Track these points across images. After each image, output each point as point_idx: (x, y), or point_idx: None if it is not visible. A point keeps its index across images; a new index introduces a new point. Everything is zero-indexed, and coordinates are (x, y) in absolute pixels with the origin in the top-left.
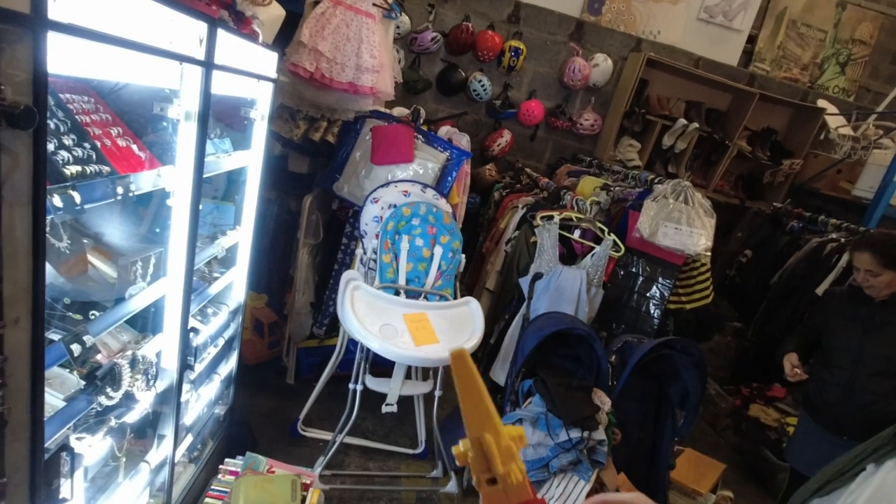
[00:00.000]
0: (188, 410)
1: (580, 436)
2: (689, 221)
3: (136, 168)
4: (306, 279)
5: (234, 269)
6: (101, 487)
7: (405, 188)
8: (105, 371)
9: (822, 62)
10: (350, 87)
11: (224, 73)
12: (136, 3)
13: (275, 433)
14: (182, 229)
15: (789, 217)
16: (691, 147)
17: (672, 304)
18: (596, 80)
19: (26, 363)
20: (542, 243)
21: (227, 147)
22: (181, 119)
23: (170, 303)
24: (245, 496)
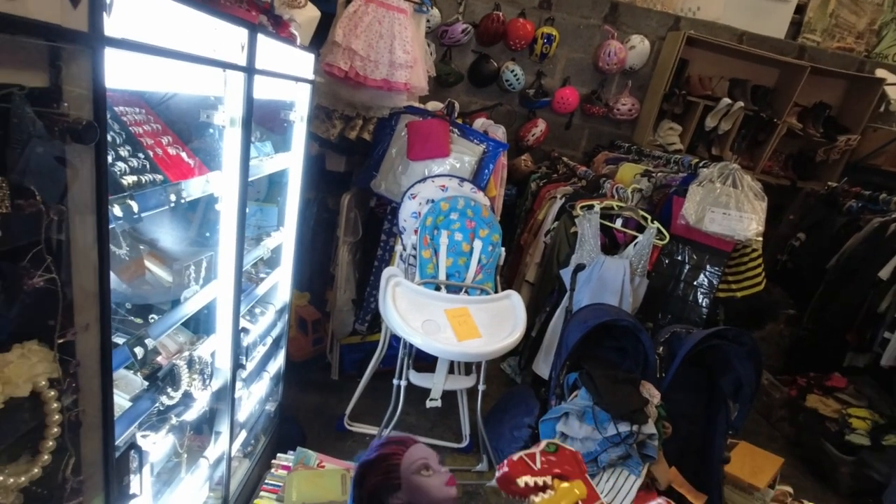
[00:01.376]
0: (241, 407)
1: (629, 430)
2: (738, 205)
3: (187, 175)
4: (347, 277)
5: (278, 270)
6: (166, 482)
7: (442, 183)
8: (165, 372)
9: (879, 28)
10: (384, 84)
11: (265, 77)
12: (182, 15)
13: (322, 428)
14: (230, 232)
15: (846, 197)
16: (736, 127)
17: (722, 293)
18: (632, 62)
19: (96, 367)
20: (582, 233)
21: (269, 150)
22: (226, 125)
23: (221, 304)
24: (298, 490)
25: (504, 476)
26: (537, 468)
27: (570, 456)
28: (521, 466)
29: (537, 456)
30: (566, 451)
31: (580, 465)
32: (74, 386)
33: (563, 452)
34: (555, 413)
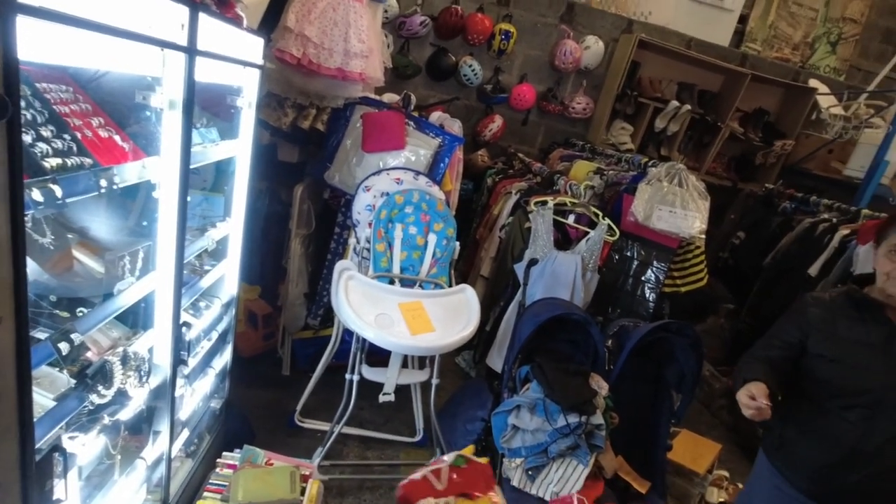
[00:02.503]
0: (183, 405)
1: (578, 420)
2: (683, 204)
3: (120, 160)
4: (299, 270)
5: (225, 262)
6: (98, 485)
7: (397, 176)
8: (96, 369)
9: (813, 41)
10: (338, 73)
11: (208, 59)
12: None
13: (272, 425)
14: (170, 222)
15: (781, 198)
16: (684, 129)
17: (667, 288)
18: (587, 62)
19: (11, 363)
20: (536, 229)
21: (215, 136)
22: (165, 108)
23: (160, 297)
24: (244, 489)
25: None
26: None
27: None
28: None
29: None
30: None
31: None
32: None
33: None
34: (507, 406)
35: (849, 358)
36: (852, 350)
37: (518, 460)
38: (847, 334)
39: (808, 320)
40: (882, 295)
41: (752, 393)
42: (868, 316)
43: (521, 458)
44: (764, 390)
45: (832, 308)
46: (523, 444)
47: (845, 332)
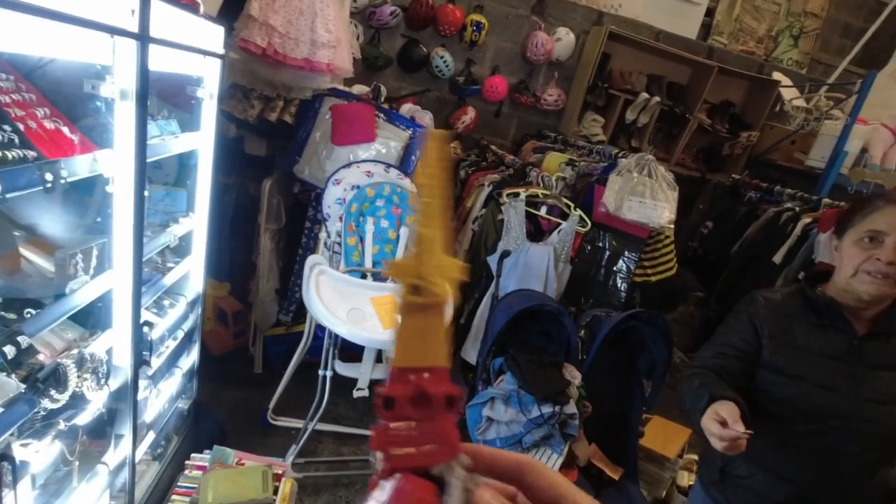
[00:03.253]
0: (147, 407)
1: (552, 410)
2: (652, 195)
3: (68, 152)
4: (270, 265)
5: (189, 258)
6: (55, 493)
7: (368, 168)
8: (48, 372)
9: (776, 35)
10: (305, 64)
11: (162, 47)
12: None
13: (245, 424)
14: (126, 217)
15: (747, 188)
16: (653, 121)
17: (638, 277)
18: (559, 54)
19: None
20: (508, 221)
21: (174, 129)
22: (116, 98)
23: (118, 296)
24: (214, 490)
25: None
26: None
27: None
28: None
29: None
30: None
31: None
32: None
33: None
34: (481, 398)
35: (811, 373)
36: (814, 364)
37: None
38: (807, 344)
39: (762, 324)
40: (845, 295)
41: (722, 417)
42: (827, 322)
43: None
44: (735, 413)
45: (787, 311)
46: (498, 435)
47: (804, 340)
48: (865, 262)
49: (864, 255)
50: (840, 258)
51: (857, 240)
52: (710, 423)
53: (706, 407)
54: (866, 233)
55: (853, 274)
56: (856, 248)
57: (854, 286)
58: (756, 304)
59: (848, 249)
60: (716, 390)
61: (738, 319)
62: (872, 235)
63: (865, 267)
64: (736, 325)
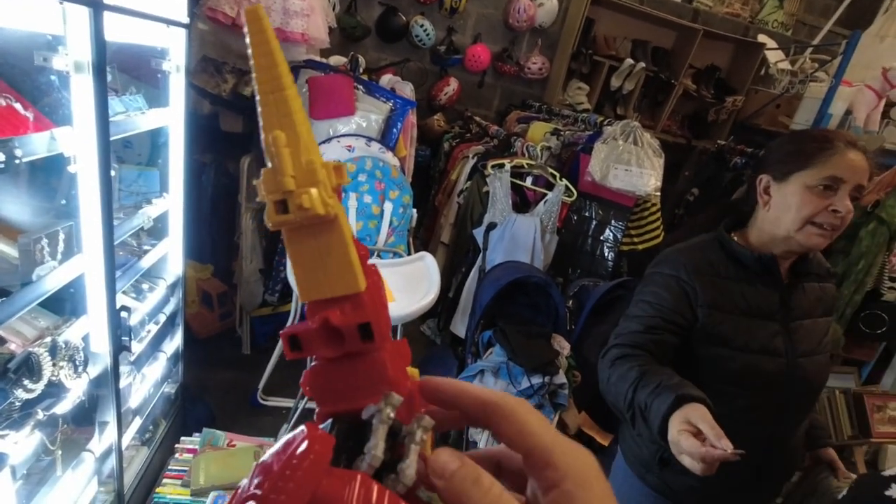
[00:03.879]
0: (132, 393)
1: (542, 381)
2: (638, 162)
3: (20, 130)
4: (253, 245)
5: (166, 240)
6: (40, 482)
7: (348, 143)
8: (19, 362)
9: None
10: (278, 34)
11: (120, 15)
12: None
13: (235, 406)
14: (93, 199)
15: (732, 154)
16: (639, 88)
17: (625, 246)
18: (542, 20)
19: None
20: (494, 192)
21: (141, 104)
22: (71, 71)
23: (91, 281)
24: (206, 472)
25: None
26: None
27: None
28: None
29: None
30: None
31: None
32: None
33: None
34: (471, 371)
35: (754, 340)
36: (754, 328)
37: None
38: (744, 305)
39: (696, 290)
40: (773, 245)
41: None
42: (755, 276)
43: None
44: (714, 424)
45: (716, 271)
46: None
47: (740, 302)
48: (819, 214)
49: (820, 204)
50: (781, 204)
51: (810, 185)
52: (685, 440)
53: (670, 411)
54: (823, 179)
55: (800, 227)
56: (809, 194)
57: (798, 238)
58: (681, 267)
59: (796, 196)
60: (681, 388)
61: (663, 286)
62: (829, 183)
63: (819, 219)
64: (662, 293)
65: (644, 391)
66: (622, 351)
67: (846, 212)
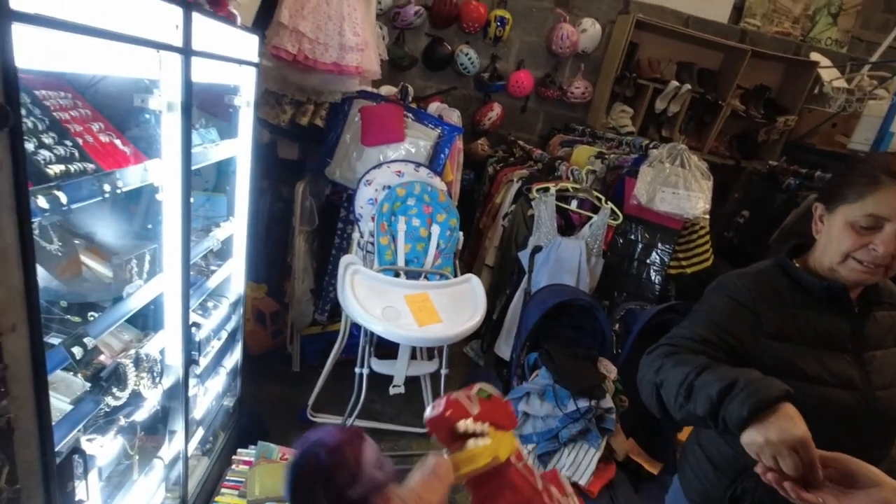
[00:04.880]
0: (197, 404)
1: (588, 405)
2: (686, 185)
3: (122, 164)
4: (305, 266)
5: (231, 261)
6: (118, 485)
7: (398, 168)
8: (109, 371)
9: (813, 14)
10: (335, 68)
11: (204, 59)
12: None
13: (285, 421)
14: (175, 223)
15: (785, 175)
16: (684, 109)
17: (673, 269)
18: (585, 46)
19: (27, 369)
20: (539, 216)
21: (214, 137)
22: (163, 110)
23: (169, 299)
24: (261, 484)
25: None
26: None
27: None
28: (459, 409)
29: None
30: (499, 401)
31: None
32: (3, 391)
33: (496, 401)
34: (517, 393)
35: (826, 371)
36: (825, 358)
37: (530, 446)
38: (812, 336)
39: (761, 319)
40: (831, 276)
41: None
42: (825, 305)
43: (533, 444)
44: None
45: (782, 298)
46: (534, 430)
47: (808, 333)
48: (858, 251)
49: (859, 241)
50: (827, 235)
51: (851, 221)
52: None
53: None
54: (864, 216)
55: (841, 261)
56: (849, 230)
57: (839, 272)
58: (744, 291)
59: (839, 230)
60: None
61: (721, 306)
62: (869, 222)
63: (858, 255)
64: (719, 312)
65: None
66: (674, 349)
67: (885, 252)
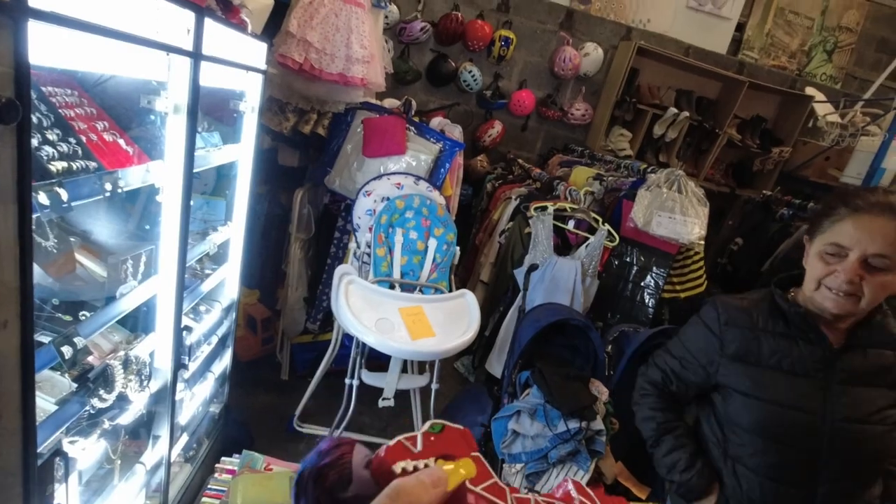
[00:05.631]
0: (183, 410)
1: (578, 426)
2: (682, 210)
3: (124, 163)
4: (299, 274)
5: (226, 266)
6: (97, 490)
7: (398, 180)
8: (97, 373)
9: (809, 49)
10: (340, 79)
11: (212, 64)
12: None
13: (271, 430)
14: (173, 226)
15: (779, 204)
16: (682, 136)
17: (667, 293)
18: (586, 69)
19: (16, 367)
20: (536, 234)
21: (217, 141)
22: (169, 112)
23: (162, 301)
24: (244, 494)
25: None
26: (417, 450)
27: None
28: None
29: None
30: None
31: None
32: None
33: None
34: (507, 411)
35: (780, 394)
36: (783, 383)
37: (518, 466)
38: (776, 360)
39: (724, 342)
40: (811, 304)
41: None
42: (798, 333)
43: (522, 463)
44: None
45: (753, 325)
46: (524, 449)
47: (772, 357)
48: (827, 277)
49: (826, 269)
50: (807, 264)
51: (820, 251)
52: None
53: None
54: (829, 245)
55: (815, 287)
56: (819, 259)
57: (816, 300)
58: (719, 315)
59: (813, 259)
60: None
61: (693, 335)
62: (832, 251)
63: (826, 282)
64: (693, 336)
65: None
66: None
67: (847, 279)
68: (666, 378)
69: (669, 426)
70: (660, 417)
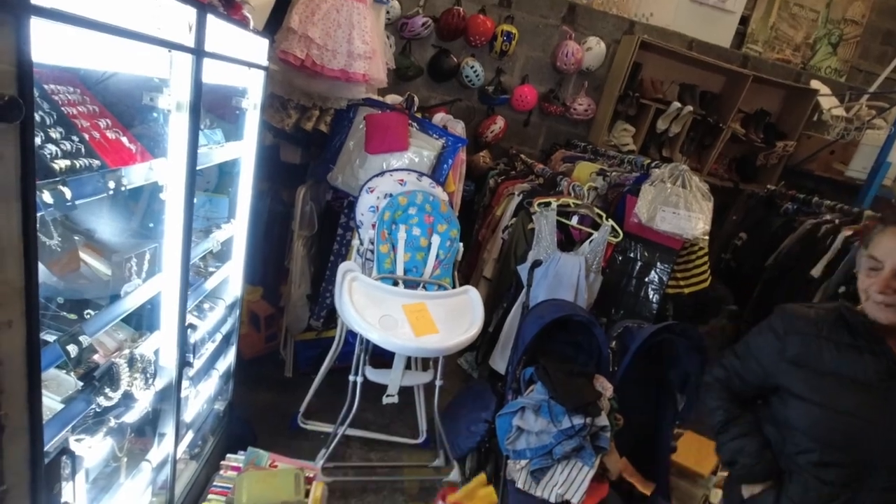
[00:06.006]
0: (188, 407)
1: (583, 422)
2: (686, 205)
3: (128, 161)
4: (302, 271)
5: (229, 263)
6: (104, 488)
7: (401, 177)
8: (103, 371)
9: (814, 43)
10: (342, 75)
11: (214, 60)
12: None
13: (275, 427)
14: (176, 224)
15: (783, 199)
16: (685, 130)
17: (671, 289)
18: (589, 63)
19: (22, 366)
20: (539, 230)
21: (219, 138)
22: (172, 109)
23: (166, 299)
24: (248, 491)
25: None
26: None
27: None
28: None
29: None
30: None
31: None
32: None
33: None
34: (512, 407)
35: (838, 401)
36: (842, 390)
37: (523, 462)
38: (836, 368)
39: (786, 346)
40: (870, 317)
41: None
42: (863, 344)
43: (526, 459)
44: None
45: (818, 333)
46: (528, 445)
47: (833, 364)
48: (869, 288)
49: (867, 280)
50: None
51: (864, 263)
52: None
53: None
54: (868, 258)
55: (865, 299)
56: (863, 271)
57: (868, 309)
58: (784, 322)
59: (860, 272)
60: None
61: (764, 337)
62: (872, 264)
63: (870, 292)
64: (758, 347)
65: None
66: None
67: (878, 291)
68: (728, 376)
69: (735, 415)
70: (726, 407)
